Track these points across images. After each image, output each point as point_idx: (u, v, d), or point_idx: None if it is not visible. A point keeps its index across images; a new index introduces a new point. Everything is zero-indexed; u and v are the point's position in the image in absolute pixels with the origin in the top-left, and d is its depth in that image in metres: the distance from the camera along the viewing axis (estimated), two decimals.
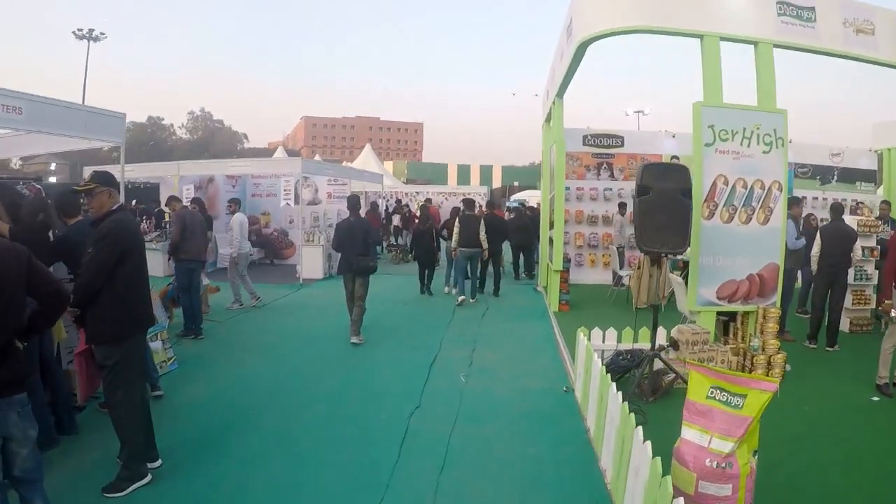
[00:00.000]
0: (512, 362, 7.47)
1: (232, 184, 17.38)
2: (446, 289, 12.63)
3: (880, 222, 9.62)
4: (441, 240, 13.03)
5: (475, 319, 9.93)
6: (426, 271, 12.62)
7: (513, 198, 32.48)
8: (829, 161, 15.48)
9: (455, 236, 11.27)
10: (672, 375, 6.25)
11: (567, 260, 10.39)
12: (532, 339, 8.73)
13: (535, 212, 16.57)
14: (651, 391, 6.06)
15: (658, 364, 6.31)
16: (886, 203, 11.80)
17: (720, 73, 6.87)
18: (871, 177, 16.01)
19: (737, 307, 7.13)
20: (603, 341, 6.70)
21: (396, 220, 20.65)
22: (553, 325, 9.36)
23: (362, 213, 11.39)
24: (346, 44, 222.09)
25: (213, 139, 77.56)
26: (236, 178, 17.38)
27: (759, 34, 6.99)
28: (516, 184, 39.08)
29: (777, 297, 7.13)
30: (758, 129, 6.91)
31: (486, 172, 53.54)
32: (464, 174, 52.89)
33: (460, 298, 11.32)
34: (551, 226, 10.73)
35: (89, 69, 55.05)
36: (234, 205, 10.60)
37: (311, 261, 14.28)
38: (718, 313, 7.18)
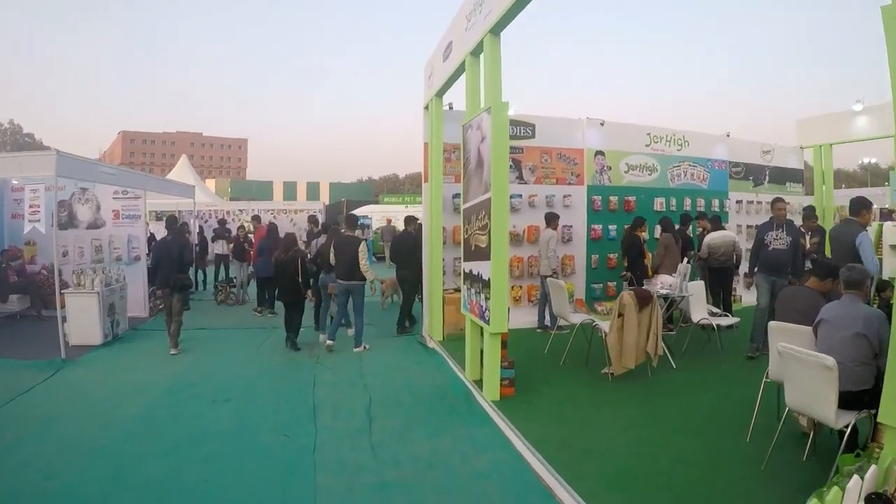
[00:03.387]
0: None
1: None
2: (321, 337, 9.17)
3: None
4: (310, 273, 9.27)
5: (359, 431, 5.37)
6: (293, 317, 8.88)
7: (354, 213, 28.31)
8: (760, 160, 13.06)
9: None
10: None
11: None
12: (493, 488, 4.33)
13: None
14: None
15: None
16: (811, 209, 9.24)
17: None
18: (800, 177, 14.04)
19: None
20: None
21: (220, 246, 15.19)
22: (510, 438, 5.11)
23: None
24: (169, 53, 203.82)
25: None
26: None
27: None
28: (344, 199, 36.55)
29: None
30: None
31: (312, 189, 54.46)
32: (290, 191, 52.85)
33: (328, 343, 8.62)
34: (472, 255, 6.46)
35: None
36: None
37: (82, 317, 8.88)
38: None
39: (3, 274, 11.18)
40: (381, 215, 27.52)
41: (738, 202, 12.47)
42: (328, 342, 8.61)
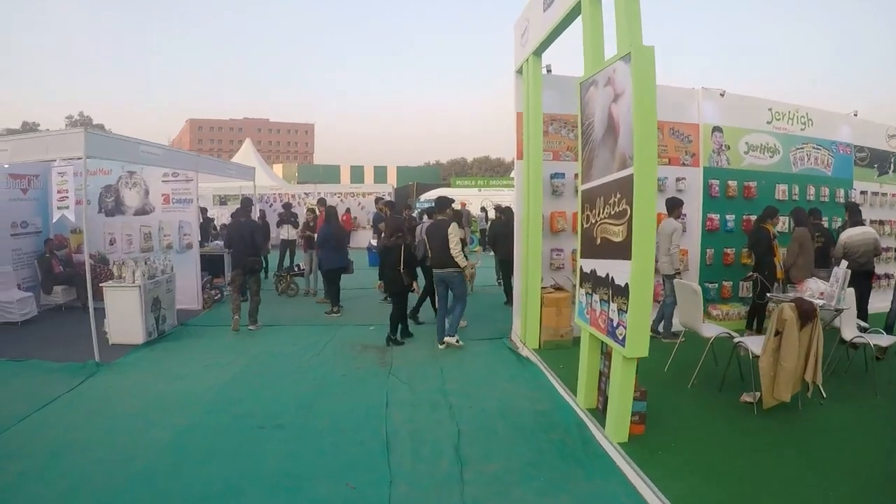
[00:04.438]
0: None
1: (21, 186, 10.59)
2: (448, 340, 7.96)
3: None
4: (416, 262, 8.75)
5: (446, 479, 4.05)
6: (398, 309, 8.18)
7: (423, 197, 27.27)
8: (885, 145, 11.09)
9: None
10: None
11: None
12: None
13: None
14: None
15: None
16: None
17: None
18: None
19: None
20: None
21: (285, 231, 14.26)
22: (650, 503, 3.73)
23: None
24: (235, 43, 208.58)
25: None
26: (28, 177, 10.61)
27: None
28: (413, 182, 35.82)
29: None
30: None
31: (380, 173, 53.99)
32: (357, 175, 52.52)
33: (440, 345, 7.80)
34: (597, 251, 5.04)
35: None
36: None
37: (122, 313, 7.91)
38: None
39: (47, 264, 10.40)
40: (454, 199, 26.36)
41: (862, 193, 10.52)
42: (440, 346, 7.82)
